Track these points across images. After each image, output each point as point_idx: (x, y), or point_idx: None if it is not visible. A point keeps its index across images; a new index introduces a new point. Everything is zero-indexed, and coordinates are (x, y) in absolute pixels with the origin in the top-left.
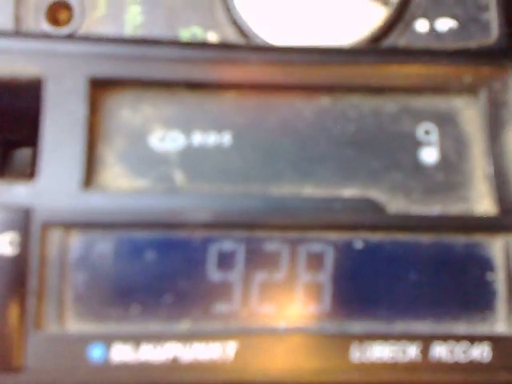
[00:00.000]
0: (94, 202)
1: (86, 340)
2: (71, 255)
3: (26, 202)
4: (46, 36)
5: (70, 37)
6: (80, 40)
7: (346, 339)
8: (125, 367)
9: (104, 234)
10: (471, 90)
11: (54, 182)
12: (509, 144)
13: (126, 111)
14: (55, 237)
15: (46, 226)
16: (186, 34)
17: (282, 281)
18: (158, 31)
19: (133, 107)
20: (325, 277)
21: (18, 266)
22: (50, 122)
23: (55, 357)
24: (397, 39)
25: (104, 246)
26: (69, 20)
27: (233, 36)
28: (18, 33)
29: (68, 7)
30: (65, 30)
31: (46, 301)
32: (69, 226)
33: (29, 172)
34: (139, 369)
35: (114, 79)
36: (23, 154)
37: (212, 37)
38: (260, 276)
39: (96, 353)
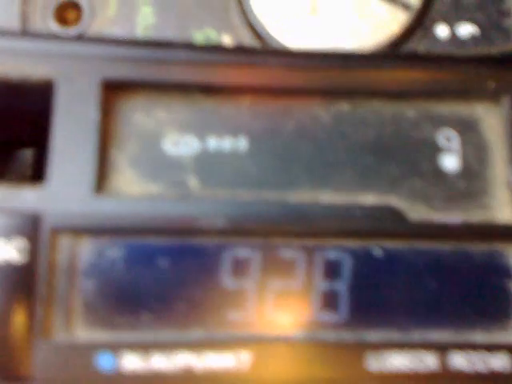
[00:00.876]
0: (105, 208)
1: (94, 349)
2: (81, 262)
3: (34, 208)
4: (57, 37)
5: (82, 38)
6: (92, 41)
7: (363, 348)
8: (135, 377)
9: (115, 240)
10: (493, 96)
11: (64, 186)
12: None
13: (139, 115)
14: (65, 243)
15: (56, 231)
16: (199, 36)
17: (298, 289)
18: (170, 33)
19: (146, 111)
20: (342, 285)
21: (27, 274)
22: (60, 125)
23: (63, 366)
24: (417, 44)
25: (115, 252)
26: (77, 20)
27: (248, 38)
28: (28, 33)
29: (77, 7)
30: (73, 31)
31: (55, 309)
32: (79, 231)
33: (30, 173)
34: (150, 379)
35: (128, 82)
36: (24, 154)
37: (226, 39)
38: (276, 284)
39: (105, 362)
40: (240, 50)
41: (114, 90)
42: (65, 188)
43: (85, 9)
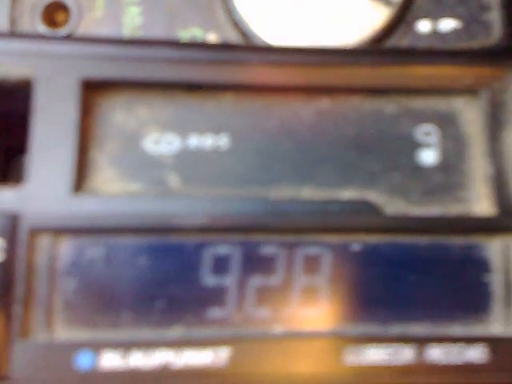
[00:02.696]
0: (84, 207)
1: (74, 347)
2: (61, 261)
3: (13, 207)
4: (36, 36)
5: (63, 37)
6: (72, 41)
7: (341, 342)
8: (113, 375)
9: (95, 239)
10: (472, 90)
11: (43, 186)
12: (509, 145)
13: (119, 114)
14: (44, 243)
15: (34, 231)
16: (185, 35)
17: (279, 284)
18: (157, 32)
19: (127, 109)
20: (322, 280)
21: (4, 273)
22: (39, 125)
23: (42, 365)
24: (399, 40)
25: (95, 251)
26: (66, 21)
27: (233, 37)
28: (8, 33)
29: (65, 8)
30: (61, 32)
31: (34, 308)
32: (58, 231)
33: None
34: (128, 376)
35: (108, 81)
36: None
37: (212, 38)
38: (256, 280)
39: (84, 361)
40: (221, 47)
41: (93, 89)
42: (44, 188)
43: (72, 10)
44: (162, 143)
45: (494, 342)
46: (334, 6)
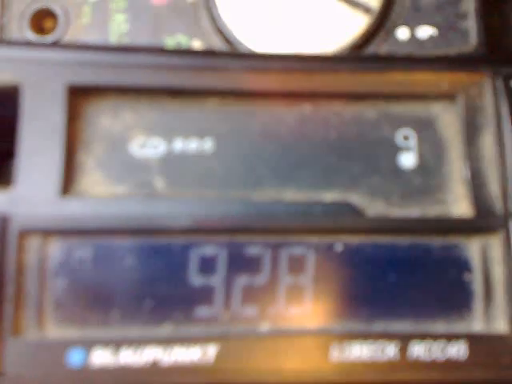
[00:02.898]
0: (72, 209)
1: (65, 345)
2: (50, 262)
3: (2, 209)
4: (23, 43)
5: (49, 44)
6: (58, 47)
7: (326, 339)
8: (104, 372)
9: (83, 240)
10: (449, 95)
11: (31, 188)
12: (485, 148)
13: (106, 118)
14: (33, 244)
15: (24, 233)
16: (170, 42)
17: (264, 284)
18: (143, 39)
19: (113, 114)
20: (306, 279)
21: None
22: (27, 129)
23: (34, 362)
24: (378, 47)
25: (83, 252)
26: (53, 28)
27: (218, 44)
28: None
29: (52, 15)
30: (49, 38)
31: (25, 307)
32: (47, 232)
33: None
34: (119, 373)
35: (93, 86)
36: None
37: (197, 44)
38: (242, 280)
39: (75, 358)
40: (205, 53)
41: (79, 95)
42: (32, 190)
43: (60, 17)
44: (147, 147)
45: (474, 339)
46: (315, 13)
